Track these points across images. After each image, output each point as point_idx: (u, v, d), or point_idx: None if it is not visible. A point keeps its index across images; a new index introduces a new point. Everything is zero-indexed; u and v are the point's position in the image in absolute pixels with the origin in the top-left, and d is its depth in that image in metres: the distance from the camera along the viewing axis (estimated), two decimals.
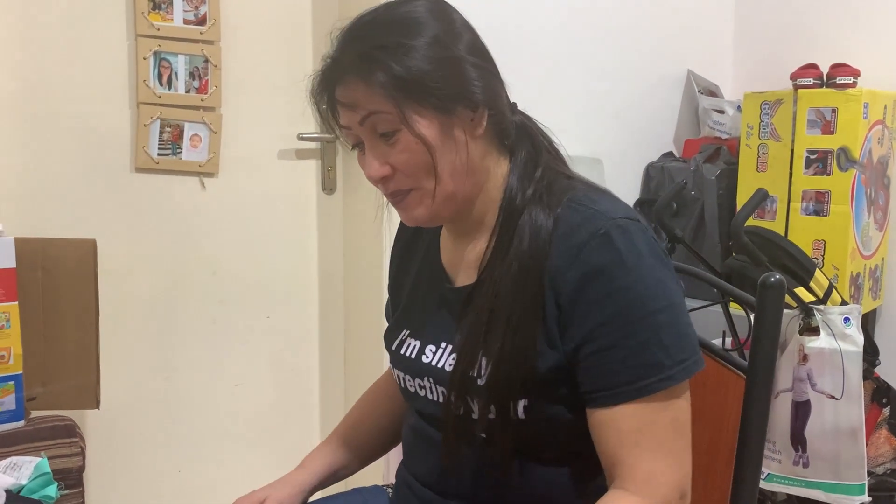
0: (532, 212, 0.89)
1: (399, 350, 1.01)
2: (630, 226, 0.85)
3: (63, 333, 1.47)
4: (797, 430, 1.57)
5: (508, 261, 0.88)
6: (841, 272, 1.97)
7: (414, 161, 0.87)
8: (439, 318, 0.97)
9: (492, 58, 0.93)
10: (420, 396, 0.98)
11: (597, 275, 0.84)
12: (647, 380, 0.83)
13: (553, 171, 0.93)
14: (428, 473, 0.99)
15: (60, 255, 1.47)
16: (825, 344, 1.54)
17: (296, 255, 2.05)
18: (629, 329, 0.83)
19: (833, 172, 1.96)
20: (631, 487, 0.83)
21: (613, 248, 0.84)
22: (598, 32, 2.17)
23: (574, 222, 0.86)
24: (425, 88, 0.85)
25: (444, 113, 0.86)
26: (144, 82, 1.78)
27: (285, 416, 2.08)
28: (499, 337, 0.86)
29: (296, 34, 1.97)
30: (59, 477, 1.33)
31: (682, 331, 0.85)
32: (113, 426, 1.84)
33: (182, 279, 1.91)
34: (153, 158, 1.83)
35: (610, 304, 0.83)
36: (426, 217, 0.91)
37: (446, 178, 0.88)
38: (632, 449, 0.84)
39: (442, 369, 0.93)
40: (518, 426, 0.88)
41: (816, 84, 2.02)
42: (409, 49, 0.85)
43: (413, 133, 0.86)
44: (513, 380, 0.86)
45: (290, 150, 2.00)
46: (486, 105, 0.89)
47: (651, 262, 0.85)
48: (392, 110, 0.85)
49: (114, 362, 1.75)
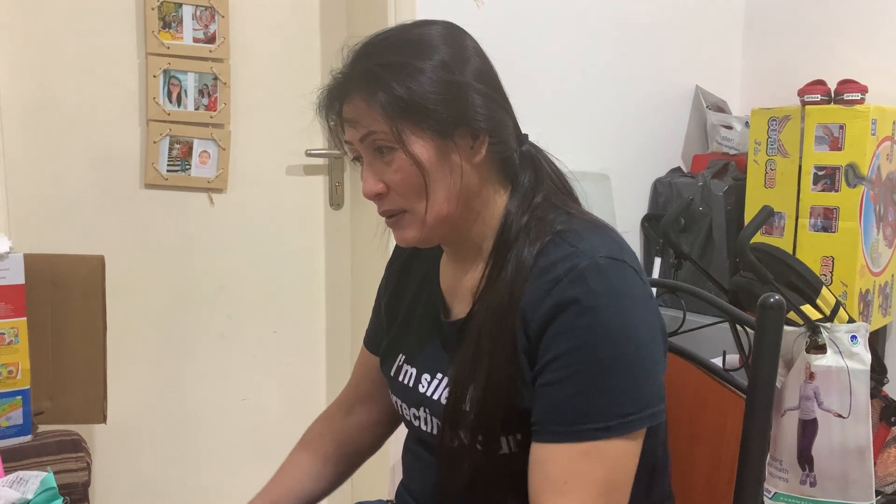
0: (519, 246, 0.88)
1: (397, 377, 1.01)
2: (609, 265, 0.83)
3: (71, 348, 1.49)
4: (804, 448, 1.55)
5: (493, 295, 0.87)
6: (850, 289, 1.95)
7: (408, 181, 0.87)
8: (434, 349, 0.97)
9: (501, 87, 0.93)
10: (415, 426, 0.99)
11: (563, 308, 0.82)
12: (584, 425, 0.81)
13: (551, 204, 0.92)
14: (427, 495, 0.99)
15: (69, 271, 1.49)
16: (832, 362, 1.52)
17: (303, 271, 2.06)
18: (580, 367, 0.81)
19: (841, 189, 1.96)
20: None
21: (584, 286, 0.82)
22: (607, 48, 2.18)
23: (554, 258, 0.85)
24: (425, 111, 0.85)
25: (442, 137, 0.86)
26: (154, 100, 1.81)
27: (292, 430, 2.07)
28: (483, 371, 0.86)
29: (304, 52, 1.99)
30: (65, 492, 1.34)
31: (637, 382, 0.83)
32: (120, 440, 1.85)
33: (190, 294, 1.93)
34: (162, 175, 1.85)
35: (569, 339, 0.82)
36: (417, 239, 0.91)
37: (439, 201, 0.88)
38: (555, 497, 0.81)
39: (437, 401, 0.93)
40: (508, 461, 0.87)
41: (824, 100, 2.02)
42: (414, 70, 0.86)
43: (407, 153, 0.86)
44: (497, 415, 0.85)
45: (298, 166, 2.02)
46: (488, 132, 0.89)
47: (623, 305, 0.83)
48: (390, 130, 0.86)
49: (121, 377, 1.77)
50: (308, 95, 1.88)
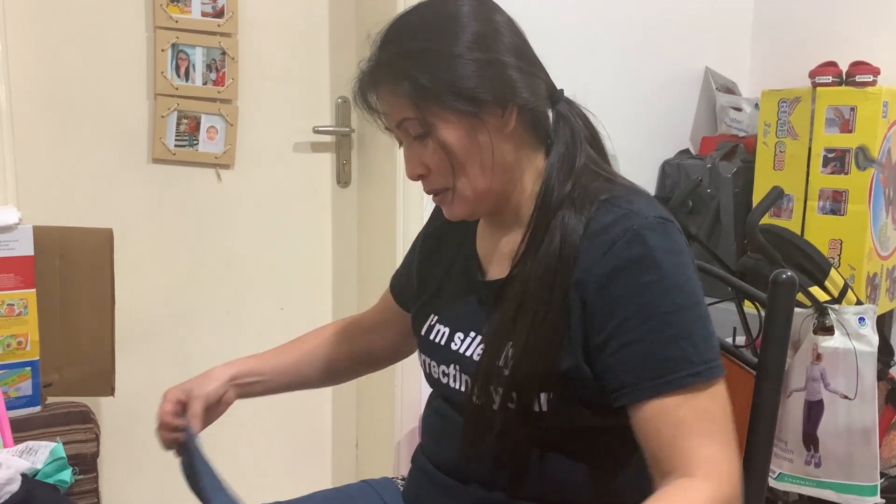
0: (565, 214, 0.89)
1: (428, 336, 1.02)
2: (661, 225, 0.86)
3: (79, 321, 1.49)
4: (810, 429, 1.56)
5: (538, 260, 0.89)
6: (857, 272, 1.95)
7: (444, 163, 0.90)
8: (470, 308, 0.98)
9: (531, 54, 0.95)
10: (443, 384, 1.00)
11: (625, 269, 0.84)
12: (675, 374, 0.82)
13: (591, 171, 0.93)
14: (449, 458, 0.99)
15: (78, 244, 1.49)
16: (839, 343, 1.53)
17: (310, 248, 2.06)
18: (655, 322, 0.83)
19: (851, 171, 1.95)
20: (697, 473, 0.81)
21: (643, 245, 0.84)
22: (616, 28, 2.17)
23: (606, 221, 0.87)
24: (449, 96, 0.87)
25: (470, 116, 0.88)
26: (162, 74, 1.80)
27: (297, 406, 2.09)
28: (524, 331, 0.87)
29: (312, 27, 1.98)
30: (74, 462, 1.35)
31: (707, 332, 0.85)
32: (127, 414, 1.86)
33: (197, 270, 1.93)
34: (170, 150, 1.84)
35: (637, 298, 0.83)
36: (464, 214, 0.95)
37: (476, 177, 0.91)
38: (693, 438, 0.82)
39: (470, 358, 0.95)
40: (538, 419, 0.89)
41: (835, 82, 2.00)
42: (437, 55, 0.88)
43: (437, 139, 0.89)
44: (535, 373, 0.87)
45: (306, 143, 2.01)
46: (515, 102, 0.90)
47: (680, 261, 0.85)
48: (417, 117, 0.89)
49: (129, 350, 1.77)
50: (316, 76, 1.90)
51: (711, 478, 0.81)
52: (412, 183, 1.86)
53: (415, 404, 1.96)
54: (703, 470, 0.81)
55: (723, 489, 0.81)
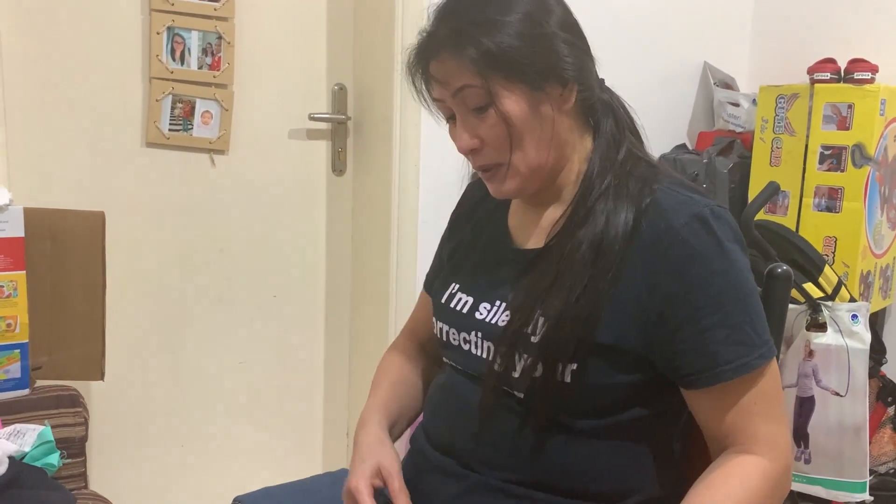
0: (610, 199, 0.91)
1: (448, 303, 1.02)
2: (723, 213, 0.90)
3: (70, 304, 1.48)
4: (801, 425, 1.56)
5: (579, 238, 0.90)
6: (851, 269, 1.95)
7: (501, 135, 0.90)
8: (497, 277, 0.99)
9: (582, 33, 0.96)
10: (463, 350, 0.99)
11: (698, 257, 0.87)
12: (747, 357, 0.87)
13: (635, 156, 0.96)
14: (452, 436, 0.98)
15: (69, 226, 1.48)
16: (832, 340, 1.53)
17: (304, 236, 2.05)
18: (728, 310, 0.87)
19: (847, 169, 1.94)
20: (756, 450, 0.88)
21: (712, 232, 0.87)
22: (615, 22, 2.15)
23: (668, 205, 0.89)
24: (515, 65, 0.88)
25: (533, 89, 0.89)
26: (157, 57, 1.78)
27: (288, 394, 2.09)
28: (560, 302, 0.88)
29: (310, 13, 1.96)
30: (62, 446, 1.34)
31: (763, 315, 0.91)
32: (117, 399, 1.86)
33: (190, 255, 1.92)
34: (164, 134, 1.83)
35: (711, 287, 0.87)
36: (515, 191, 0.94)
37: (532, 152, 0.91)
38: (752, 418, 0.88)
39: (495, 325, 0.95)
40: (561, 389, 0.89)
41: (833, 79, 2.00)
42: (501, 25, 0.88)
43: (497, 109, 0.88)
44: (566, 343, 0.88)
45: (301, 130, 2.00)
46: (576, 80, 0.92)
47: (739, 249, 0.90)
48: (482, 85, 0.88)
49: (120, 335, 1.77)
50: (312, 62, 1.88)
51: (768, 453, 0.88)
52: (408, 171, 1.89)
53: None
54: (762, 446, 0.88)
55: (779, 463, 0.88)
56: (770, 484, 0.87)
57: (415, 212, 1.90)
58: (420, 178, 1.89)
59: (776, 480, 0.88)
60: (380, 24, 1.89)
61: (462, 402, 0.97)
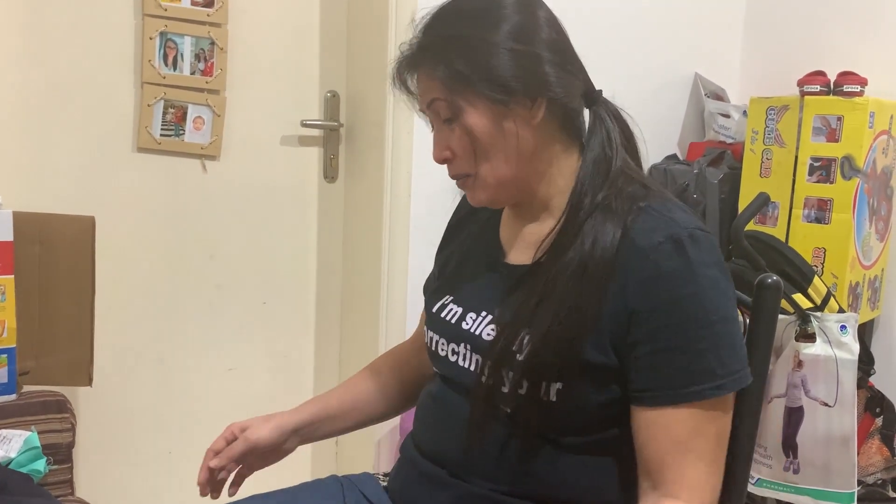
0: (599, 218, 0.91)
1: (440, 313, 1.03)
2: (701, 236, 0.88)
3: (58, 309, 1.48)
4: (789, 435, 1.57)
5: (568, 258, 0.90)
6: (840, 281, 1.96)
7: (468, 148, 0.93)
8: (486, 289, 1.00)
9: (568, 51, 0.97)
10: (451, 362, 0.99)
11: (665, 279, 0.86)
12: (700, 385, 0.86)
13: (627, 175, 0.95)
14: (441, 446, 0.99)
15: (58, 231, 1.48)
16: (820, 351, 1.53)
17: (295, 243, 2.05)
18: (690, 335, 0.86)
19: (836, 181, 1.96)
20: (682, 495, 0.86)
21: (684, 255, 0.86)
22: (607, 32, 2.16)
23: (647, 226, 0.89)
24: (481, 81, 0.90)
25: (498, 104, 0.91)
26: (150, 62, 1.78)
27: (277, 402, 2.07)
28: (546, 322, 0.89)
29: (303, 19, 1.96)
30: (49, 452, 1.33)
31: (736, 343, 0.88)
32: (104, 405, 1.84)
33: (180, 261, 1.91)
34: (155, 139, 1.82)
35: (675, 310, 0.86)
36: (486, 200, 0.97)
37: (501, 164, 0.93)
38: (684, 455, 0.86)
39: (480, 337, 0.96)
40: (547, 408, 0.89)
41: (823, 91, 2.01)
42: (474, 42, 0.91)
43: (464, 122, 0.92)
44: (551, 363, 0.88)
45: (293, 137, 2.00)
46: (545, 95, 0.92)
47: (716, 274, 0.88)
48: (448, 99, 0.92)
49: (108, 341, 1.75)
50: (305, 69, 1.89)
51: (695, 499, 0.85)
52: (400, 179, 1.89)
53: None
54: (689, 491, 0.85)
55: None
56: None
57: (406, 219, 1.90)
58: (412, 186, 1.89)
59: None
60: (372, 32, 1.89)
61: (451, 413, 0.97)
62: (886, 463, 1.79)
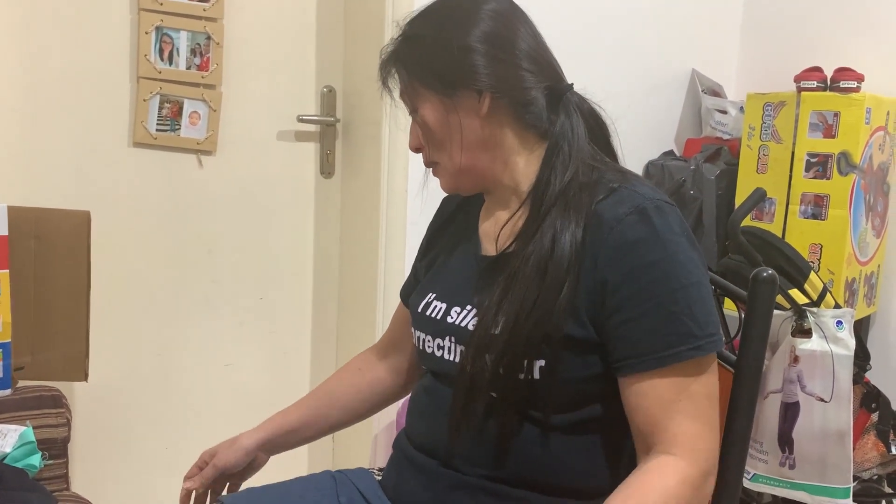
0: (560, 210, 0.93)
1: (425, 312, 1.04)
2: (667, 207, 0.91)
3: (54, 304, 1.47)
4: (785, 431, 1.57)
5: (526, 255, 0.93)
6: (836, 277, 1.96)
7: (428, 137, 1.00)
8: (467, 283, 1.02)
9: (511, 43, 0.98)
10: (437, 357, 1.01)
11: (632, 247, 0.88)
12: (679, 347, 0.87)
13: (589, 165, 0.97)
14: (432, 436, 1.00)
15: (54, 226, 1.47)
16: (817, 346, 1.54)
17: (292, 238, 2.04)
18: (662, 299, 0.87)
19: (833, 177, 1.96)
20: (676, 451, 0.87)
21: (650, 224, 0.89)
22: (605, 29, 2.16)
23: (613, 201, 0.92)
24: (428, 77, 0.98)
25: (446, 97, 0.97)
26: (145, 57, 1.78)
27: (275, 397, 2.06)
28: (515, 306, 0.91)
29: (300, 14, 1.96)
30: (44, 447, 1.33)
31: (709, 308, 0.90)
32: (100, 400, 1.84)
33: (176, 257, 1.91)
34: (151, 134, 1.82)
35: (643, 276, 0.88)
36: (449, 187, 1.04)
37: (454, 154, 0.99)
38: (674, 415, 0.87)
39: (465, 328, 0.98)
40: (531, 386, 0.91)
41: (820, 87, 2.01)
42: (424, 40, 0.99)
43: (419, 114, 1.00)
44: (527, 343, 0.90)
45: (290, 132, 2.00)
46: (489, 89, 0.96)
47: (683, 242, 0.90)
48: (407, 93, 1.01)
49: (104, 336, 1.75)
50: (302, 64, 1.89)
51: (689, 455, 0.86)
52: (396, 175, 1.89)
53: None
54: (681, 448, 0.86)
55: (699, 466, 0.87)
56: (688, 489, 0.86)
57: (403, 215, 1.90)
58: (409, 181, 1.89)
59: (694, 485, 0.86)
60: (369, 27, 1.89)
61: (441, 405, 0.99)
62: (882, 458, 1.79)
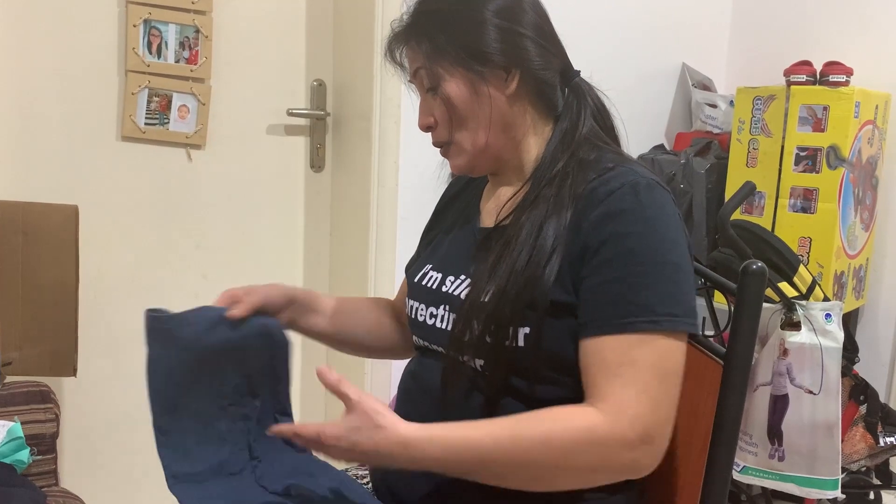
0: (557, 184, 0.95)
1: (421, 282, 1.06)
2: (658, 187, 0.92)
3: (41, 299, 1.46)
4: (774, 423, 1.58)
5: (521, 221, 0.95)
6: (825, 270, 1.97)
7: (447, 115, 0.99)
8: (463, 254, 1.04)
9: (545, 27, 1.01)
10: (429, 326, 1.02)
11: (616, 216, 0.90)
12: (635, 318, 0.87)
13: (591, 143, 0.98)
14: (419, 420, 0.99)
15: (41, 220, 1.46)
16: (806, 339, 1.54)
17: (281, 233, 2.04)
18: (631, 268, 0.88)
19: (822, 170, 1.97)
20: (600, 406, 0.87)
21: (637, 198, 0.90)
22: (594, 23, 2.16)
23: (610, 176, 0.93)
24: (459, 52, 0.97)
25: (473, 73, 0.97)
26: (134, 50, 1.76)
27: None
28: (504, 276, 0.93)
29: (289, 8, 1.95)
30: (33, 442, 1.32)
31: (681, 289, 0.90)
32: (89, 395, 1.83)
33: (165, 251, 1.90)
34: (140, 128, 1.81)
35: (620, 243, 0.89)
36: (465, 167, 1.02)
37: (475, 132, 0.98)
38: (611, 379, 0.87)
39: (458, 297, 0.99)
40: (515, 354, 0.92)
41: (809, 81, 2.02)
42: (450, 15, 0.98)
43: (443, 91, 0.97)
44: (513, 311, 0.91)
45: (279, 126, 1.99)
46: (518, 67, 0.97)
47: (668, 222, 0.91)
48: (429, 68, 0.98)
49: (92, 331, 1.74)
50: (291, 57, 1.87)
51: (611, 413, 0.86)
52: (387, 169, 1.88)
53: (384, 392, 1.95)
54: (607, 405, 0.87)
55: (618, 427, 0.85)
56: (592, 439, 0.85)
57: (394, 208, 1.90)
58: (399, 175, 1.88)
59: (602, 441, 0.85)
60: (359, 20, 1.88)
61: (428, 383, 1.00)
62: (870, 450, 1.81)
